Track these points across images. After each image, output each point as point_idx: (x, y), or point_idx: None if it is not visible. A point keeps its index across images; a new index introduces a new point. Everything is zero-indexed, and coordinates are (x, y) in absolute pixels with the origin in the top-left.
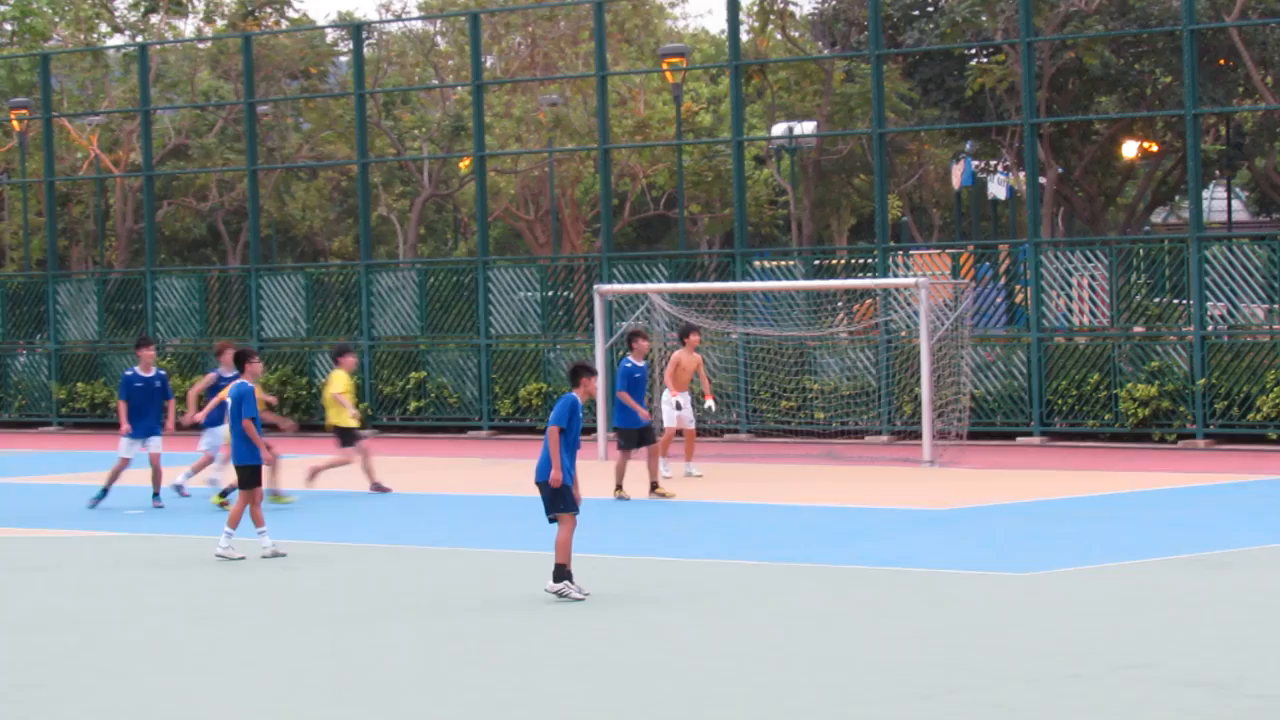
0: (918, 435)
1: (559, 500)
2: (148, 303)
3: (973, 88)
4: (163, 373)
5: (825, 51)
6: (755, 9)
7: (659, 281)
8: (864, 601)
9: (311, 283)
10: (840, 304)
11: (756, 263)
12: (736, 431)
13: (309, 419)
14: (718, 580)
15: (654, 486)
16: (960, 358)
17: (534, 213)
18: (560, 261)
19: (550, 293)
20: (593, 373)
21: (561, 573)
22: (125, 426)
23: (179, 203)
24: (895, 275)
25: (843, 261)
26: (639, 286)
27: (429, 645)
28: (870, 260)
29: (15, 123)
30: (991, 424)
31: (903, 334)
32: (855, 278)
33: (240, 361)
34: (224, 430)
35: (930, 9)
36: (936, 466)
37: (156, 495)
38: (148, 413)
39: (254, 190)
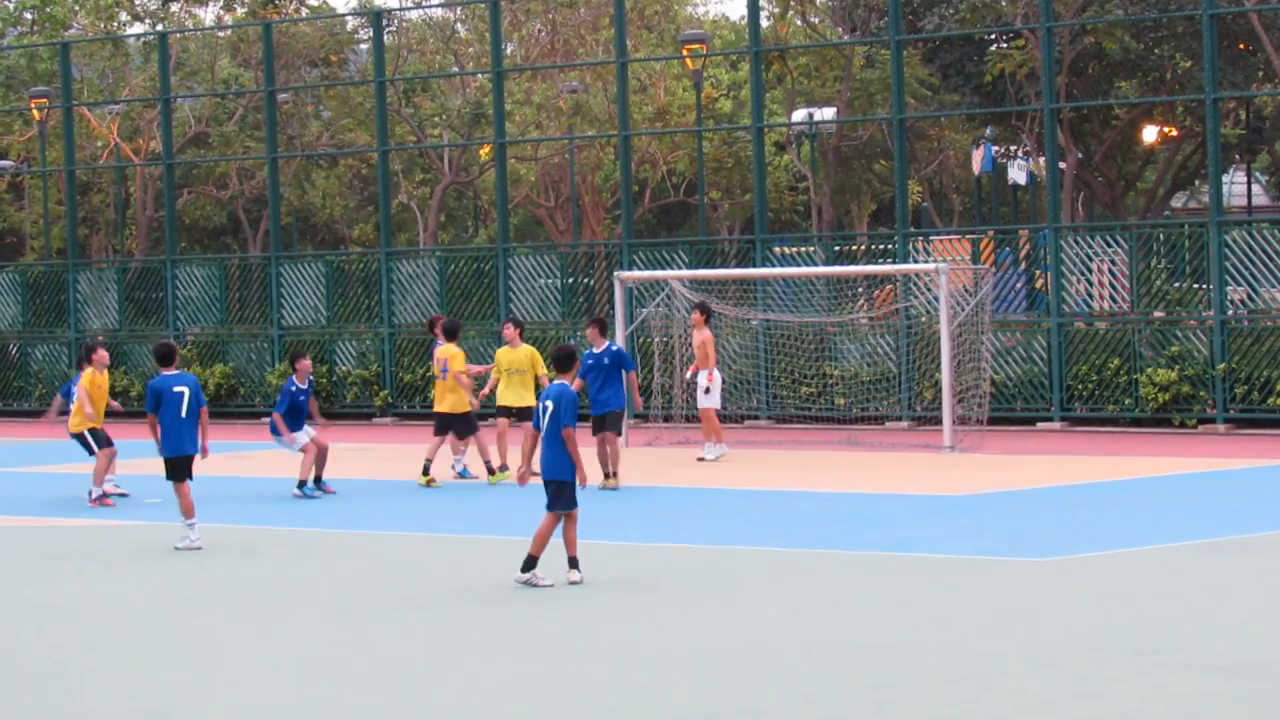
0: (938, 421)
1: (570, 496)
2: (168, 291)
3: (992, 73)
4: (311, 378)
5: (845, 37)
6: None
7: (679, 268)
8: (884, 587)
9: (332, 270)
10: (860, 290)
11: (777, 249)
12: (756, 418)
13: (330, 407)
14: (737, 566)
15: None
16: (980, 343)
17: (554, 200)
18: (580, 248)
19: (570, 280)
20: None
21: (532, 562)
22: (288, 435)
23: (199, 191)
24: (915, 261)
25: (863, 247)
26: (659, 273)
27: (451, 632)
28: (890, 246)
29: (35, 112)
30: (1012, 409)
31: (923, 319)
32: (875, 263)
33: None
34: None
35: None
36: (957, 452)
37: (320, 481)
38: (303, 413)
39: (274, 178)
